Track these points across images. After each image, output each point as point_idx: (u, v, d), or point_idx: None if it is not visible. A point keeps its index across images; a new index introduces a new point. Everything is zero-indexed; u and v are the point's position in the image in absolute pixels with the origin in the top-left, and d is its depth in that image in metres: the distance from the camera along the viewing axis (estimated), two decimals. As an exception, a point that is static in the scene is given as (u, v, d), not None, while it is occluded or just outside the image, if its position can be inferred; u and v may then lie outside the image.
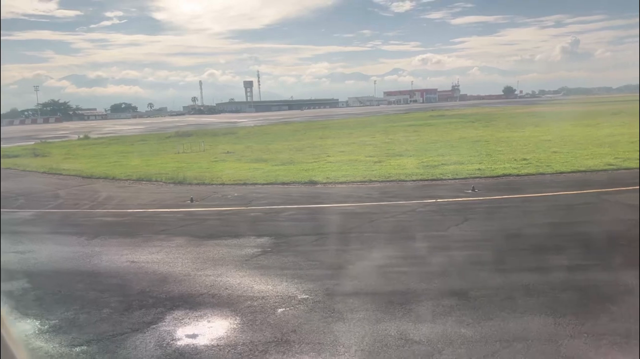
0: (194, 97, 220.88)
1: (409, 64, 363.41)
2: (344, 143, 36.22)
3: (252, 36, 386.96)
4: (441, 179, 17.98)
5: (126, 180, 22.30)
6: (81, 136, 58.27)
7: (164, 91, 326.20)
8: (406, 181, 18.10)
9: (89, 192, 19.45)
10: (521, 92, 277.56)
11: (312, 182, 18.60)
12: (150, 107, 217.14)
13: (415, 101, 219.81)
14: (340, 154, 27.96)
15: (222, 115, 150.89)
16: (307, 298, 7.58)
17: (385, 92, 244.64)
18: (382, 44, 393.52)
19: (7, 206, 17.00)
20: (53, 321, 7.16)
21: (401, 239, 10.65)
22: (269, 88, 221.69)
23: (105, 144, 48.11)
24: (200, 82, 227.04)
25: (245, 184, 19.32)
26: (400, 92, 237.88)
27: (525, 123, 48.92)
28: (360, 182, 18.40)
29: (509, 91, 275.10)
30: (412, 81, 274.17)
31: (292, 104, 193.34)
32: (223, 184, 19.72)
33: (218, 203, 15.75)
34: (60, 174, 25.82)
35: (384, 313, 6.86)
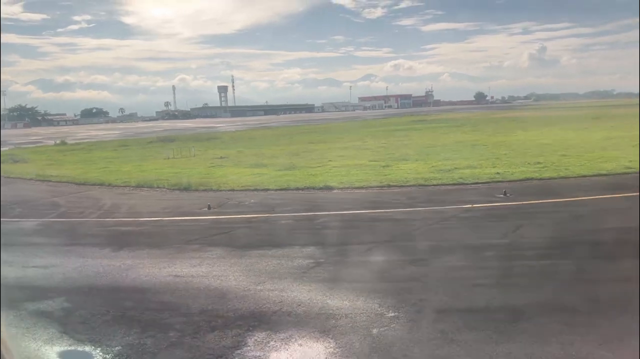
0: (167, 102, 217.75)
1: (382, 70, 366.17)
2: (339, 147, 35.53)
3: (224, 41, 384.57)
4: (462, 184, 17.47)
5: (124, 186, 21.20)
6: (57, 142, 56.15)
7: (134, 96, 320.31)
8: (426, 185, 17.54)
9: (90, 200, 18.31)
10: (492, 97, 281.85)
11: (328, 188, 17.84)
12: (122, 112, 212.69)
13: (390, 106, 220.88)
14: (341, 159, 27.26)
15: (197, 120, 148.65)
16: (397, 315, 6.83)
17: (360, 98, 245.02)
18: (355, 50, 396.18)
19: (4, 215, 15.76)
20: (117, 348, 6.26)
21: (464, 249, 9.97)
22: (241, 93, 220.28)
23: (85, 150, 46.37)
24: (174, 87, 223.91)
25: (255, 189, 18.47)
26: (375, 98, 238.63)
27: (511, 127, 49.26)
28: (378, 187, 17.75)
29: (480, 97, 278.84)
30: (387, 87, 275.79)
31: (267, 109, 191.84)
32: (232, 190, 18.82)
33: (239, 210, 14.87)
34: (49, 181, 24.44)
35: (498, 333, 6.16)
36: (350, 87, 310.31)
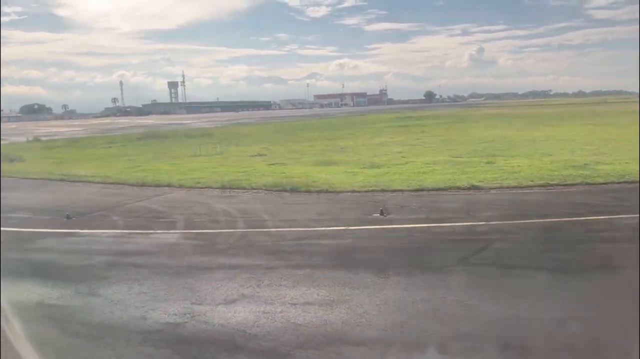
0: (115, 99, 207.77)
1: (327, 69, 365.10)
2: (375, 144, 33.07)
3: (165, 37, 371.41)
4: (626, 182, 15.31)
5: (202, 188, 17.87)
6: (30, 138, 50.56)
7: (70, 92, 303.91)
8: (593, 184, 15.23)
9: (190, 204, 14.93)
10: (441, 96, 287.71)
11: (475, 188, 15.28)
12: (65, 109, 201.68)
13: (345, 104, 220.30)
14: (408, 155, 24.76)
15: (155, 116, 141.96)
16: None
17: (315, 96, 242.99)
18: (299, 48, 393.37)
19: (106, 226, 12.31)
20: None
21: None
22: (185, 89, 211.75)
23: (73, 147, 41.69)
24: (121, 83, 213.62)
25: (384, 191, 15.65)
26: (331, 96, 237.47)
27: (526, 123, 48.20)
28: (529, 186, 15.32)
29: (430, 96, 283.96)
30: (343, 85, 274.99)
31: (224, 106, 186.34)
32: (354, 191, 15.90)
33: (425, 217, 12.03)
34: (88, 182, 20.64)
35: None
36: (308, 84, 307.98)
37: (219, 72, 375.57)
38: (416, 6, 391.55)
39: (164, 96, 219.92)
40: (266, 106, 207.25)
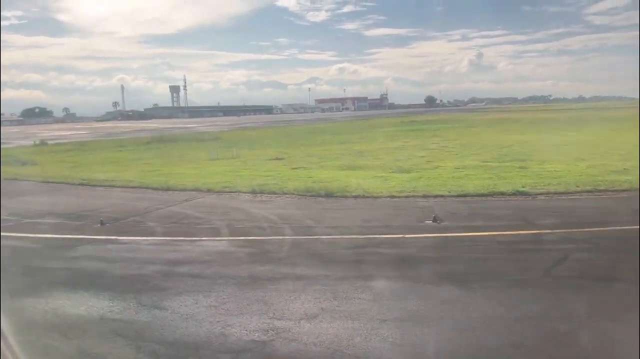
0: (116, 102, 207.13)
1: (326, 73, 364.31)
2: (393, 148, 32.52)
3: (165, 41, 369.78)
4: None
5: (233, 192, 17.38)
6: (37, 142, 50.00)
7: (70, 96, 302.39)
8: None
9: (228, 210, 14.34)
10: (441, 101, 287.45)
11: (523, 194, 14.71)
12: (66, 112, 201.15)
13: (347, 109, 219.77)
14: (432, 160, 24.22)
15: (157, 120, 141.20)
16: None
17: (316, 100, 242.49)
18: (299, 53, 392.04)
19: (145, 233, 11.73)
20: None
21: None
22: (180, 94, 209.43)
23: (83, 151, 41.07)
24: (122, 87, 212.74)
25: (425, 196, 15.09)
26: (332, 100, 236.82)
27: (538, 128, 47.69)
28: (579, 192, 14.75)
29: (430, 100, 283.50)
30: (344, 89, 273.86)
31: (226, 110, 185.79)
32: (392, 196, 15.35)
33: (480, 224, 11.47)
34: (112, 186, 20.06)
35: None
36: (310, 89, 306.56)
37: (219, 77, 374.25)
38: (415, 11, 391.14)
39: (164, 100, 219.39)
40: (268, 110, 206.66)
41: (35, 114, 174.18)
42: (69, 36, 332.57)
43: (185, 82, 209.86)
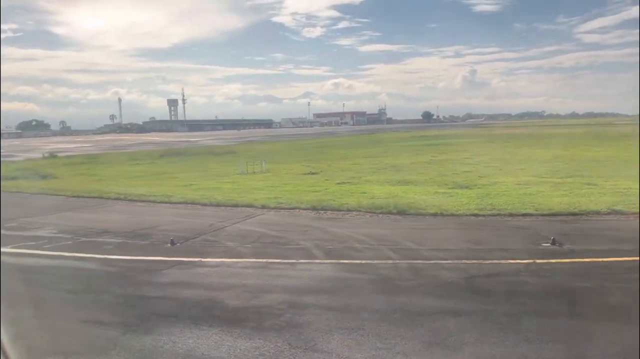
0: (113, 115, 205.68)
1: (322, 88, 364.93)
2: (427, 162, 31.48)
3: (160, 55, 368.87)
4: None
5: (293, 209, 16.10)
6: (46, 155, 48.59)
7: (64, 109, 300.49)
8: None
9: (301, 227, 13.21)
10: (438, 116, 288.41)
11: (618, 212, 13.65)
12: (63, 125, 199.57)
13: (345, 123, 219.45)
14: (483, 175, 23.22)
15: (156, 134, 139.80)
16: None
17: (315, 114, 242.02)
18: (294, 68, 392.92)
19: (229, 254, 10.54)
20: None
21: None
22: (179, 107, 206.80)
23: (100, 163, 39.82)
24: (120, 100, 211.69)
25: (511, 214, 13.97)
26: (331, 114, 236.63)
27: (560, 143, 46.88)
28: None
29: (427, 116, 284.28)
30: (343, 104, 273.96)
31: (225, 124, 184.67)
32: (474, 214, 14.28)
33: (608, 248, 10.32)
34: (153, 202, 18.93)
35: None
36: (309, 103, 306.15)
37: (214, 91, 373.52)
38: (409, 28, 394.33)
39: (159, 113, 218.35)
40: (267, 124, 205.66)
41: (31, 127, 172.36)
42: (64, 49, 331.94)
43: (183, 96, 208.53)
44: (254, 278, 9.03)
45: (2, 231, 14.18)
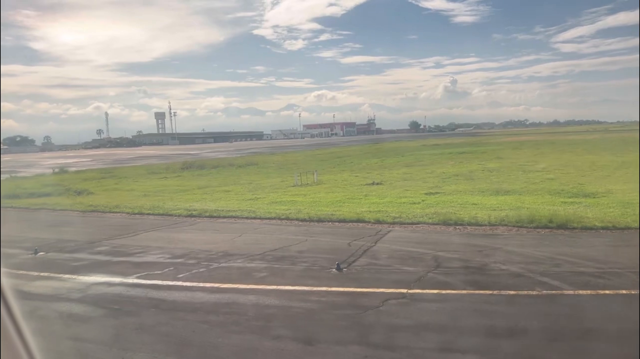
0: (100, 130, 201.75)
1: (304, 100, 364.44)
2: (487, 170, 29.79)
3: (141, 69, 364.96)
4: None
5: (419, 224, 14.12)
6: (56, 170, 45.91)
7: (43, 125, 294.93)
8: None
9: (473, 247, 11.21)
10: (425, 126, 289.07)
11: None
12: (47, 140, 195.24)
13: (335, 134, 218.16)
14: (581, 184, 21.47)
15: (148, 147, 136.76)
16: None
17: (305, 126, 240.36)
18: (276, 80, 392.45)
19: (431, 283, 8.55)
20: None
21: None
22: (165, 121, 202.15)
23: (121, 177, 37.36)
24: (106, 114, 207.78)
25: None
26: (321, 126, 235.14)
27: (580, 151, 45.68)
28: None
29: (414, 126, 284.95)
30: (333, 115, 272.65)
31: (216, 136, 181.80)
32: (628, 227, 12.38)
33: None
34: (239, 217, 16.77)
35: None
36: (300, 114, 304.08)
37: (196, 104, 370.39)
38: (390, 39, 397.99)
39: (142, 127, 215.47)
40: (259, 136, 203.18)
41: (16, 143, 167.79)
42: (43, 64, 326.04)
43: (170, 109, 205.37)
44: (507, 318, 7.00)
45: (92, 256, 12.06)
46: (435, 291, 8.24)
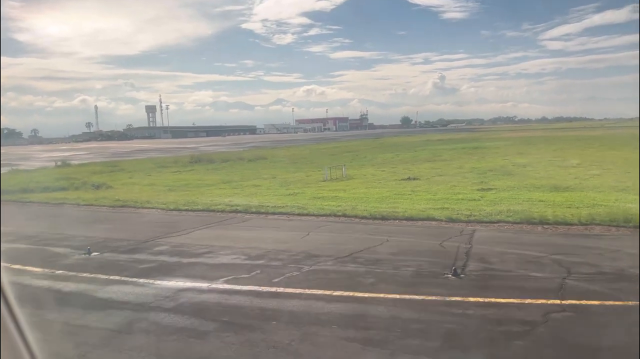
0: (89, 123, 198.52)
1: (293, 95, 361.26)
2: (520, 165, 28.87)
3: (127, 62, 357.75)
4: None
5: (498, 223, 13.06)
6: (59, 163, 44.21)
7: (28, 117, 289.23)
8: None
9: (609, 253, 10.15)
10: (416, 122, 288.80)
11: None
12: (35, 133, 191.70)
13: (328, 129, 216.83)
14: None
15: (140, 141, 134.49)
16: None
17: (297, 120, 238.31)
18: (265, 75, 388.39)
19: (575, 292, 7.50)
20: None
21: None
22: (145, 115, 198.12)
23: (131, 171, 35.88)
24: (96, 107, 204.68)
25: None
26: (313, 121, 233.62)
27: (602, 147, 45.06)
28: None
29: (406, 121, 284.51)
30: (326, 110, 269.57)
31: (209, 130, 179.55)
32: None
33: None
34: (290, 214, 15.75)
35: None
36: (293, 109, 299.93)
37: (184, 98, 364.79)
38: (379, 35, 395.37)
39: (129, 120, 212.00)
40: (252, 130, 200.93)
41: (4, 136, 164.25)
42: (28, 56, 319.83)
43: (161, 102, 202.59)
44: None
45: (155, 257, 10.87)
46: (596, 303, 7.17)
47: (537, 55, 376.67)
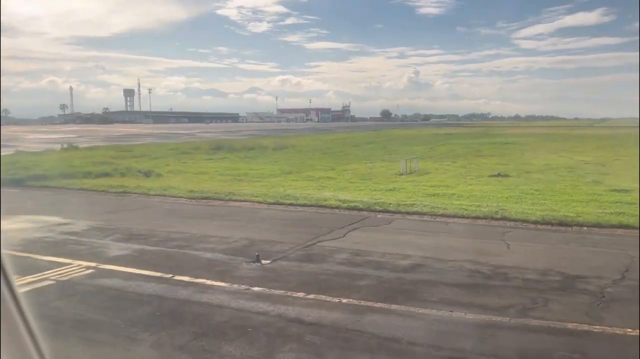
0: (64, 105, 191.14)
1: (268, 84, 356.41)
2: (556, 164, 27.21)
3: (98, 44, 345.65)
4: None
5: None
6: (65, 146, 40.79)
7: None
8: None
9: None
10: (396, 115, 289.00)
11: None
12: (6, 114, 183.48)
13: (310, 120, 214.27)
14: None
15: (121, 125, 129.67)
16: None
17: (279, 110, 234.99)
18: (239, 62, 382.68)
19: None
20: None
21: None
22: (118, 99, 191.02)
23: (157, 158, 32.78)
24: (71, 88, 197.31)
25: None
26: (295, 110, 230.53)
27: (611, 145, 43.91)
28: None
29: (386, 114, 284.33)
30: (310, 100, 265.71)
31: (190, 117, 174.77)
32: None
33: None
34: (396, 213, 13.45)
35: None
36: (276, 98, 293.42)
37: (156, 83, 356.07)
38: (356, 27, 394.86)
39: (101, 104, 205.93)
40: (234, 118, 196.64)
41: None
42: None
43: (139, 86, 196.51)
44: None
45: (345, 268, 8.56)
46: None
47: (509, 53, 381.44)
